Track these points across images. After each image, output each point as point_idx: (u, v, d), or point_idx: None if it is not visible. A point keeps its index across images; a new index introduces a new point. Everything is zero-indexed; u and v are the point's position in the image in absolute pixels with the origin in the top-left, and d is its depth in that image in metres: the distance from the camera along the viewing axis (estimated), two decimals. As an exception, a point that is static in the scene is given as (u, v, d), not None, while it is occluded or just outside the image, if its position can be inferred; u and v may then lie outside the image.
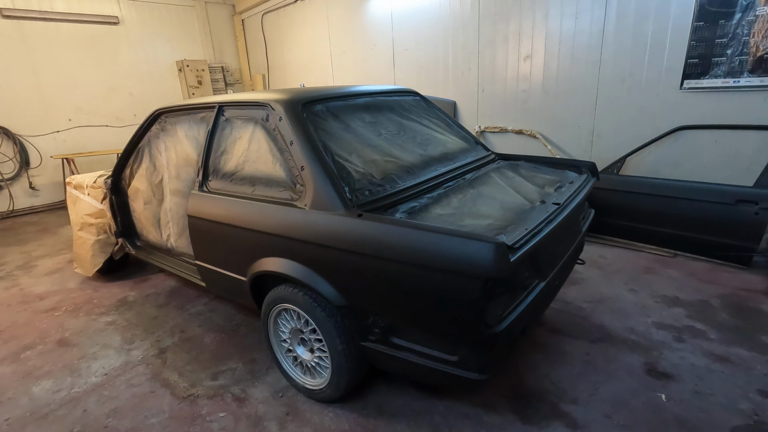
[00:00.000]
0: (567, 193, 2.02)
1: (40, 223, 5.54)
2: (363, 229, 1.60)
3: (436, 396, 2.04)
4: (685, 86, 3.43)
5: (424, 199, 1.90)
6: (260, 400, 2.10)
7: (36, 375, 2.39)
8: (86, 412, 2.09)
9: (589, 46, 3.87)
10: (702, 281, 3.02)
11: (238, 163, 2.18)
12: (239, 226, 2.06)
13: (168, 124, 2.71)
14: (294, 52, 7.06)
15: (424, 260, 1.45)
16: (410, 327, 1.62)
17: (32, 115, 5.98)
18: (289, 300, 1.94)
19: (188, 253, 2.69)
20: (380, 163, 2.00)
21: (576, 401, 1.97)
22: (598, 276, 3.18)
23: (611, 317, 2.63)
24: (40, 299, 3.32)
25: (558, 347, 2.37)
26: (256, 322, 2.80)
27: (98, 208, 3.30)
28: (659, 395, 1.98)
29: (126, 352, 2.56)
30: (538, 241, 1.55)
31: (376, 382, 2.16)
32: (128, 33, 6.70)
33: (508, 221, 1.69)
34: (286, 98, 2.04)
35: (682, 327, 2.50)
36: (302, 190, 1.84)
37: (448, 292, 1.43)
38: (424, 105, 2.78)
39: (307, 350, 2.04)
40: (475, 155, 2.56)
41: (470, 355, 1.50)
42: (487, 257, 1.32)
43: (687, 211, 3.14)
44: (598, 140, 4.04)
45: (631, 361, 2.23)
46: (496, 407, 1.97)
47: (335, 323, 1.79)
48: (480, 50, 4.64)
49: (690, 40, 3.32)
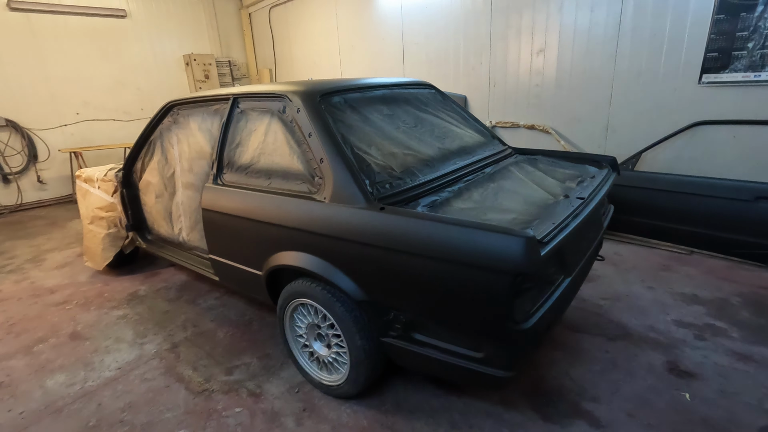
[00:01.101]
0: (590, 188, 1.97)
1: (49, 217, 5.53)
2: (386, 223, 1.56)
3: (454, 393, 2.01)
4: (703, 80, 3.37)
5: (444, 193, 1.87)
6: (276, 395, 2.08)
7: (49, 368, 2.38)
8: (101, 406, 2.07)
9: (604, 39, 3.81)
10: (720, 279, 2.98)
11: (253, 156, 2.15)
12: (256, 220, 2.02)
13: (180, 117, 2.68)
14: (301, 46, 7.01)
15: (450, 255, 1.41)
16: (433, 323, 1.58)
17: (40, 108, 5.96)
18: (307, 295, 1.91)
19: (201, 247, 2.66)
20: (399, 156, 1.96)
21: (598, 399, 1.93)
22: (614, 273, 3.14)
23: (629, 314, 2.59)
24: (50, 293, 3.31)
25: (577, 345, 2.33)
26: (268, 316, 2.77)
27: (109, 201, 3.27)
28: (683, 394, 1.95)
29: (139, 346, 2.54)
30: (566, 236, 1.51)
31: (393, 378, 2.13)
32: (136, 27, 6.67)
33: (533, 215, 1.65)
34: (304, 89, 2.00)
35: (703, 325, 2.46)
36: (321, 183, 1.81)
37: (475, 287, 1.39)
38: (440, 98, 2.73)
39: (324, 346, 2.02)
40: (492, 149, 2.51)
41: (496, 351, 1.46)
42: (518, 251, 1.29)
43: (704, 207, 3.07)
44: (612, 135, 3.98)
45: (653, 359, 2.19)
46: (516, 405, 1.93)
47: (355, 318, 1.76)
48: (492, 44, 4.58)
49: (710, 33, 3.25)
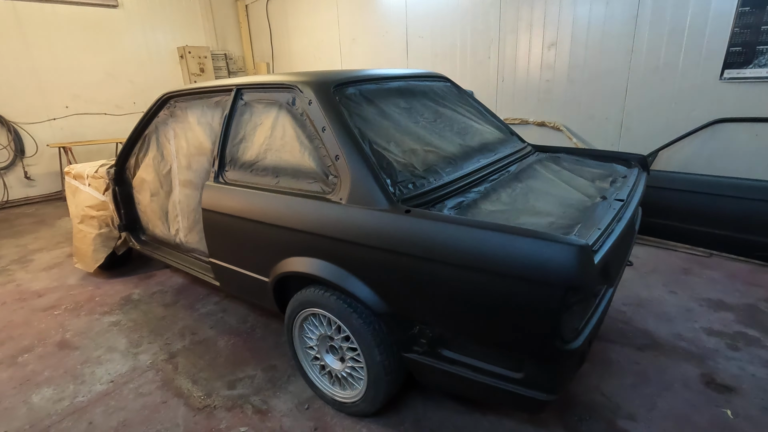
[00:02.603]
0: (627, 189, 1.83)
1: (37, 215, 5.29)
2: (412, 227, 1.40)
3: (479, 410, 1.86)
4: (725, 76, 3.23)
5: (471, 194, 1.71)
6: (284, 412, 1.91)
7: (35, 381, 2.19)
8: (92, 425, 1.89)
9: (620, 33, 3.66)
10: (745, 283, 2.85)
11: (259, 152, 1.97)
12: (262, 222, 1.85)
13: (178, 110, 2.49)
14: (300, 39, 6.80)
15: (488, 264, 1.25)
16: (465, 339, 1.43)
17: (27, 101, 5.70)
18: (320, 304, 1.74)
19: (200, 250, 2.48)
20: (420, 153, 1.80)
21: (634, 417, 1.79)
22: (634, 276, 3.00)
23: (655, 322, 2.46)
24: (38, 296, 3.11)
25: (603, 355, 2.19)
26: (272, 323, 2.60)
27: (100, 199, 3.08)
28: (724, 411, 1.81)
29: (133, 357, 2.36)
30: (613, 243, 1.36)
31: (411, 392, 1.97)
32: (128, 17, 6.41)
33: (572, 219, 1.50)
34: (316, 79, 1.83)
35: (734, 333, 2.33)
36: (336, 182, 1.64)
37: (518, 301, 1.23)
38: (456, 91, 2.57)
39: (337, 359, 1.85)
40: (513, 146, 2.36)
41: (539, 372, 1.31)
42: (570, 262, 1.13)
43: (725, 208, 2.94)
44: (626, 133, 3.84)
45: (686, 371, 2.06)
46: (547, 424, 1.79)
47: (374, 332, 1.60)
48: (501, 37, 4.42)
49: (733, 27, 3.12)
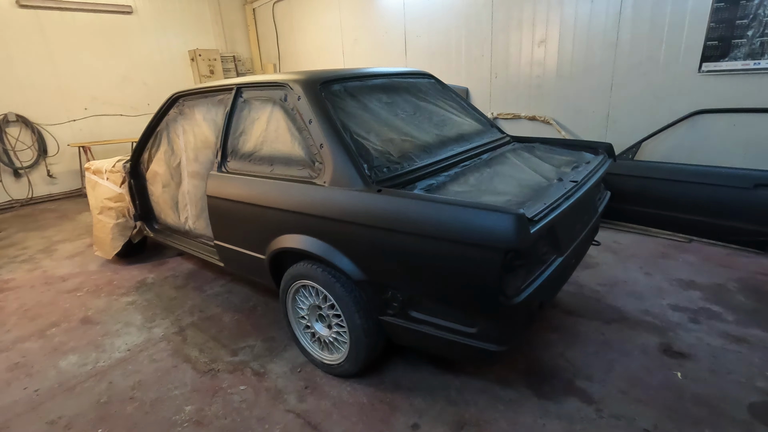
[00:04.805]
0: (584, 172, 2.02)
1: (59, 210, 5.65)
2: (383, 204, 1.62)
3: (451, 372, 2.08)
4: (703, 69, 3.38)
5: (441, 177, 1.92)
6: (279, 374, 2.15)
7: (62, 350, 2.47)
8: (112, 384, 2.16)
9: (605, 29, 3.83)
10: (718, 266, 3.01)
11: (256, 144, 2.21)
12: (258, 205, 2.09)
13: (186, 108, 2.75)
14: (305, 41, 7.06)
15: (443, 233, 1.47)
16: (429, 300, 1.65)
17: (49, 104, 6.08)
18: (308, 276, 1.97)
19: (206, 235, 2.74)
20: (398, 141, 2.01)
21: (591, 378, 1.99)
22: (613, 260, 3.18)
23: (626, 299, 2.64)
24: (62, 280, 3.41)
25: (572, 328, 2.38)
26: (272, 302, 2.85)
27: (117, 192, 3.36)
28: (675, 373, 1.99)
29: (147, 330, 2.63)
30: (557, 216, 1.56)
31: (393, 359, 2.20)
32: (142, 23, 6.76)
33: (526, 197, 1.70)
34: (305, 78, 2.06)
35: (698, 309, 2.50)
36: (321, 168, 1.87)
37: (467, 264, 1.45)
38: (439, 87, 2.78)
39: (325, 326, 2.08)
40: (490, 137, 2.56)
41: (489, 326, 1.52)
42: (508, 228, 1.34)
43: (704, 196, 3.09)
44: (613, 125, 4.00)
45: (647, 341, 2.24)
46: (512, 383, 1.99)
47: (354, 298, 1.83)
48: (493, 36, 4.61)
49: (709, 22, 3.26)
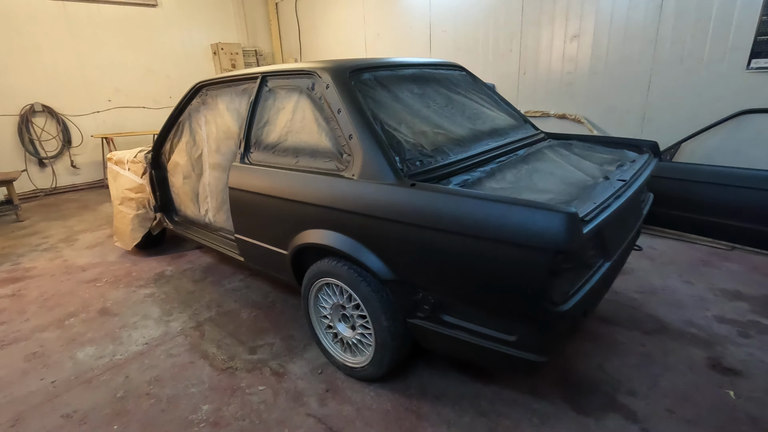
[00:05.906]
0: (631, 171, 1.87)
1: (81, 200, 5.70)
2: (416, 200, 1.51)
3: (481, 380, 1.95)
4: (752, 66, 3.17)
5: (476, 173, 1.80)
6: (299, 375, 2.06)
7: (80, 341, 2.43)
8: (128, 378, 2.10)
9: (644, 23, 3.63)
10: (766, 276, 2.80)
11: (281, 134, 2.13)
12: (282, 198, 2.00)
13: (209, 98, 2.69)
14: (327, 36, 6.99)
15: (485, 231, 1.34)
16: (464, 304, 1.53)
17: (74, 95, 6.13)
18: (333, 274, 1.88)
19: (227, 228, 2.67)
20: (430, 134, 1.90)
21: (634, 393, 1.84)
22: (650, 267, 3.00)
23: (666, 309, 2.47)
24: (82, 270, 3.40)
25: (609, 337, 2.23)
26: (291, 299, 2.77)
27: (138, 182, 3.33)
28: (727, 392, 1.83)
29: (165, 324, 2.57)
30: (607, 217, 1.43)
31: (417, 363, 2.08)
32: (165, 16, 6.78)
33: (571, 196, 1.57)
34: (333, 66, 1.96)
35: (747, 322, 2.32)
36: (349, 160, 1.76)
37: (510, 266, 1.33)
38: (471, 80, 2.65)
39: (348, 327, 1.98)
40: (525, 132, 2.42)
41: (531, 334, 1.40)
42: (559, 228, 1.21)
43: (750, 201, 2.89)
44: (649, 124, 3.80)
45: (693, 354, 2.07)
46: (546, 395, 1.86)
47: (381, 298, 1.72)
48: (523, 30, 4.44)
49: (761, 15, 3.05)
